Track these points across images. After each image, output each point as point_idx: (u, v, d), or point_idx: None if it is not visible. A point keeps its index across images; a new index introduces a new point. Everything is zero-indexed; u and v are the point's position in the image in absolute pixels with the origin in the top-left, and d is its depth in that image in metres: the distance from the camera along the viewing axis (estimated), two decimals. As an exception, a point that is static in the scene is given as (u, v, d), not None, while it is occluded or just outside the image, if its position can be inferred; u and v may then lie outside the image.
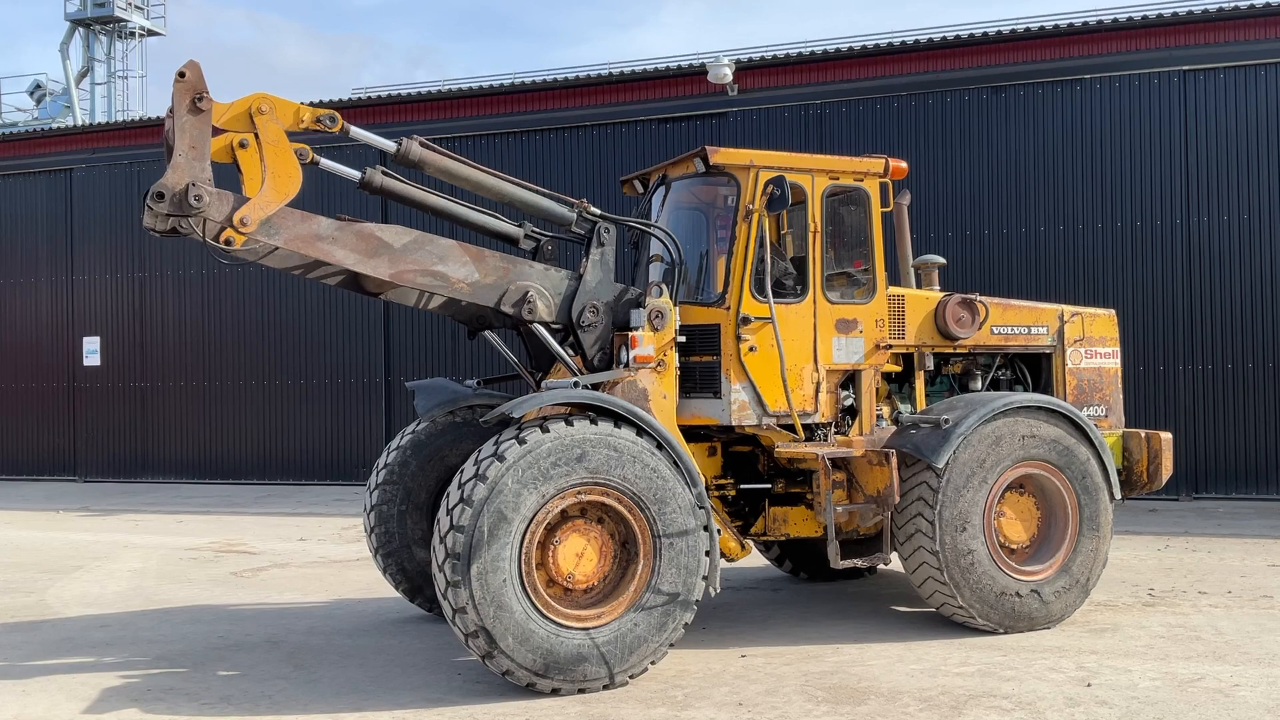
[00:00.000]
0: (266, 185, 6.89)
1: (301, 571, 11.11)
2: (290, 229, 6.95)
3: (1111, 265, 15.57)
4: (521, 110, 18.43)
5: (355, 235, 7.10)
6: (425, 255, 7.25)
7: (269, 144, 6.92)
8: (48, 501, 18.13)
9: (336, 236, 7.06)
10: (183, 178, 6.69)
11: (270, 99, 6.98)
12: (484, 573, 6.39)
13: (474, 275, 7.35)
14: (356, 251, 7.09)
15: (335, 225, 7.08)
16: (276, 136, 6.95)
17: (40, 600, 9.82)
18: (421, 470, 8.60)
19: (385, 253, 7.15)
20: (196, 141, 6.75)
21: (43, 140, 22.53)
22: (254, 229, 6.82)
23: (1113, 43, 15.49)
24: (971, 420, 7.71)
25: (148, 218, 6.76)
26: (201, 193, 6.68)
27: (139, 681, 7.04)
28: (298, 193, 6.99)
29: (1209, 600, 8.88)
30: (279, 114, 6.98)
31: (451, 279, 7.30)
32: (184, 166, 6.71)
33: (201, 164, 6.75)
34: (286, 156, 6.96)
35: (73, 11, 34.99)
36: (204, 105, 6.74)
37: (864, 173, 8.30)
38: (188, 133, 6.74)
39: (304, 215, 6.99)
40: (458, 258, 7.32)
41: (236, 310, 20.40)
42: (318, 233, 7.02)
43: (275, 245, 6.94)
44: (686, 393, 7.79)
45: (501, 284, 7.42)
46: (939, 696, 6.43)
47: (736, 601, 9.28)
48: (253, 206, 6.82)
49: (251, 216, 6.81)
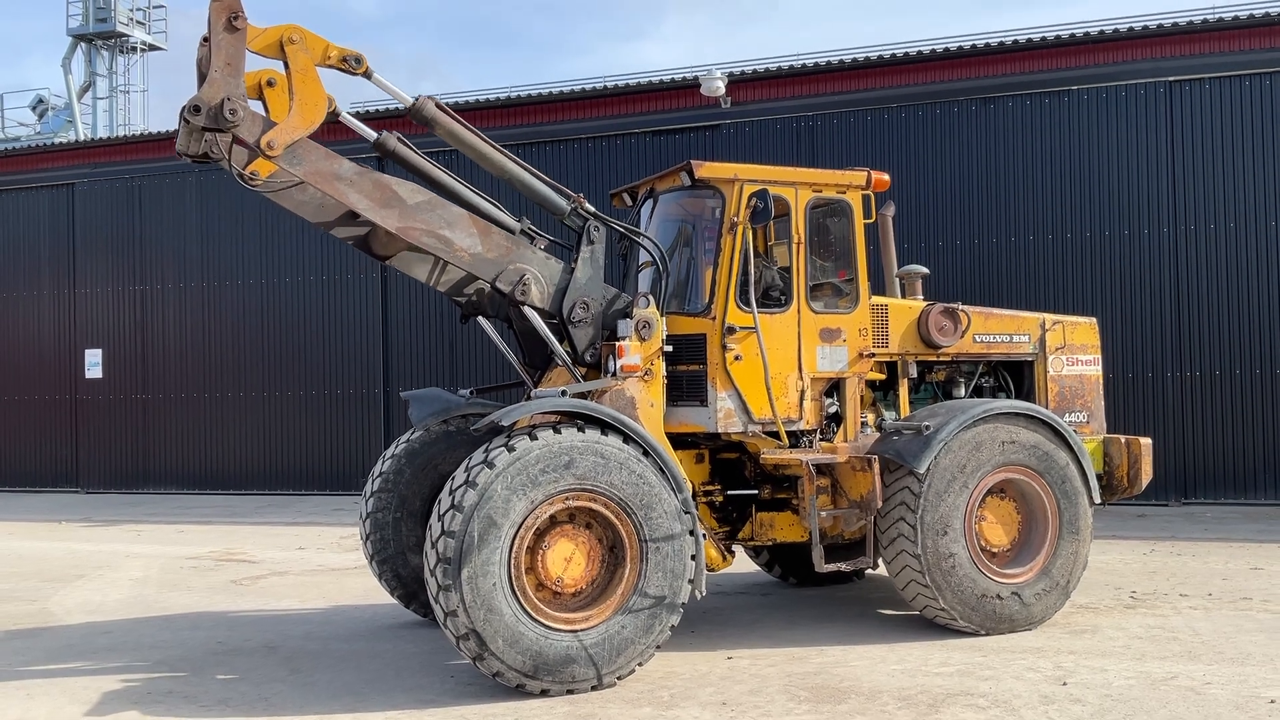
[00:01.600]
0: (294, 111, 7.07)
1: (300, 579, 11.28)
2: (313, 162, 7.13)
3: (1100, 273, 15.78)
4: (518, 123, 18.66)
5: (373, 183, 7.27)
6: (434, 217, 7.41)
7: (297, 73, 7.11)
8: (50, 512, 18.32)
9: (354, 180, 7.22)
10: (218, 92, 6.90)
11: (301, 30, 7.17)
12: (474, 577, 6.56)
13: (477, 247, 7.50)
14: (370, 199, 7.24)
15: (355, 169, 7.25)
16: (305, 66, 7.13)
17: (43, 608, 10.00)
18: (415, 478, 8.77)
19: (397, 205, 7.30)
20: (232, 59, 6.95)
21: (45, 155, 22.82)
22: (280, 154, 6.99)
23: (1100, 54, 15.74)
24: (952, 426, 7.89)
25: (182, 136, 6.98)
26: (236, 107, 6.89)
27: (139, 685, 7.22)
28: (322, 120, 7.14)
29: (1189, 602, 9.04)
30: (308, 45, 7.16)
31: (455, 245, 7.45)
32: (219, 82, 6.92)
33: (236, 80, 6.96)
34: (314, 86, 7.15)
35: (75, 27, 35.25)
36: (239, 24, 6.96)
37: (846, 185, 8.49)
38: (223, 50, 6.94)
39: (328, 153, 7.20)
40: (465, 227, 7.48)
41: (236, 322, 20.63)
42: (337, 172, 7.19)
43: (297, 178, 7.12)
44: (674, 401, 7.97)
45: (501, 262, 7.58)
46: (918, 695, 6.60)
47: (726, 605, 9.45)
48: (280, 131, 7.00)
49: (278, 140, 6.98)
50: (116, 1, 34.97)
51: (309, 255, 20.12)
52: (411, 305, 19.45)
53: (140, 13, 36.11)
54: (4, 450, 22.16)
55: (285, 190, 7.32)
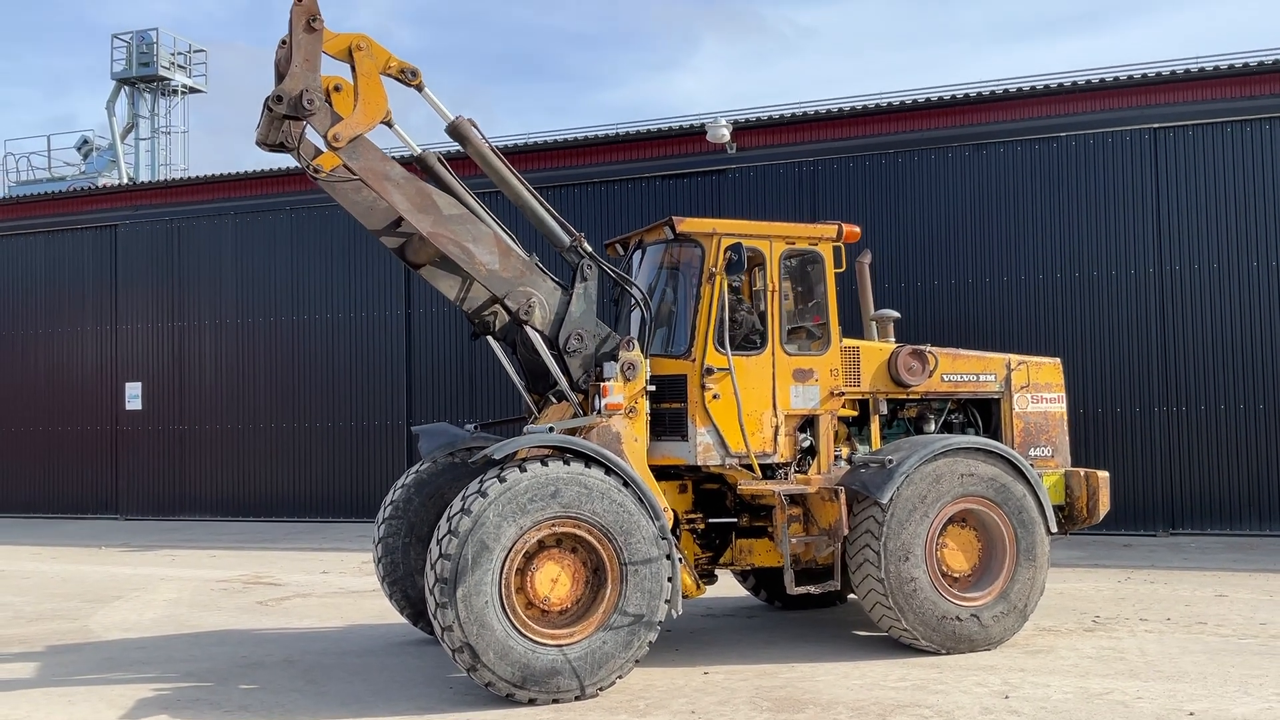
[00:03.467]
0: (358, 109, 8.03)
1: (321, 601, 12.05)
2: (368, 160, 8.03)
3: (1089, 313, 16.38)
4: (536, 168, 19.51)
5: (416, 189, 8.14)
6: (463, 230, 8.23)
7: (363, 76, 8.08)
8: (91, 538, 19.23)
9: (401, 183, 8.10)
10: (298, 84, 7.85)
11: (368, 39, 8.13)
12: (468, 595, 7.29)
13: (495, 264, 8.30)
14: (410, 201, 8.10)
15: (404, 174, 8.13)
16: (370, 71, 8.10)
17: (84, 625, 10.82)
18: (424, 506, 9.51)
19: (433, 213, 8.15)
20: (310, 56, 7.92)
21: (90, 198, 24.02)
22: (343, 146, 7.92)
23: (1086, 102, 16.43)
24: (913, 460, 8.55)
25: (262, 125, 7.98)
26: (314, 97, 7.85)
27: (170, 693, 7.99)
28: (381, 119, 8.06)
29: (1146, 626, 9.61)
30: (374, 53, 8.12)
31: (476, 258, 8.25)
32: (299, 75, 7.87)
33: (314, 75, 7.93)
34: (377, 89, 8.12)
35: (119, 71, 36.71)
36: (316, 25, 7.92)
37: (818, 237, 9.20)
38: (303, 48, 7.89)
39: (383, 155, 8.11)
40: (488, 245, 8.29)
41: (268, 358, 21.60)
42: (387, 173, 8.08)
43: (353, 172, 8.01)
44: (658, 435, 8.68)
45: (513, 282, 8.36)
46: (870, 706, 7.24)
47: (712, 626, 10.11)
48: (345, 125, 7.95)
49: (343, 134, 7.93)
50: (159, 47, 36.39)
51: (337, 294, 21.08)
52: (433, 342, 20.32)
53: (181, 56, 37.53)
54: (49, 478, 23.18)
55: (343, 187, 8.21)
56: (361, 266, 20.82)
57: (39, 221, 23.50)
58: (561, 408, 8.69)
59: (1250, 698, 7.22)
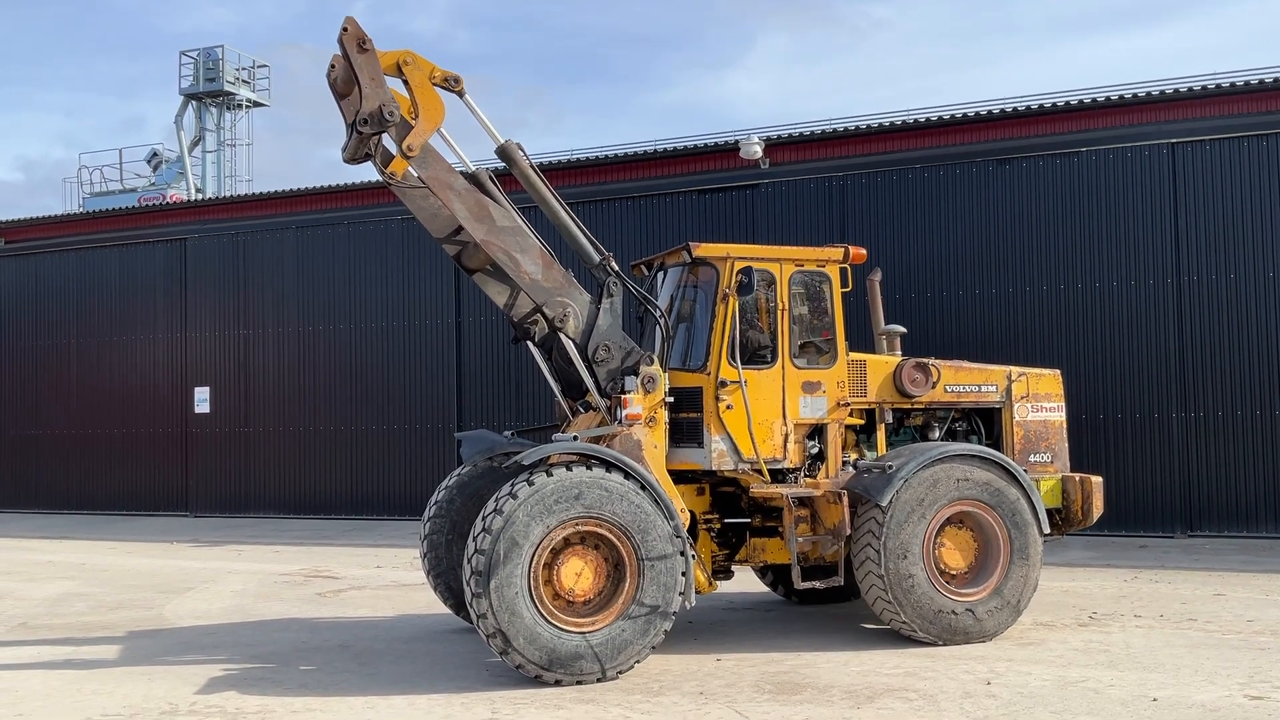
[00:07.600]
0: (421, 118, 8.91)
1: (375, 593, 13.00)
2: (435, 168, 8.93)
3: (1109, 322, 16.88)
4: (578, 183, 20.37)
5: (475, 201, 9.03)
6: (513, 240, 9.10)
7: (417, 86, 8.95)
8: (163, 534, 20.42)
9: (462, 194, 9.00)
10: (375, 101, 8.71)
11: (412, 54, 9.02)
12: (500, 586, 8.15)
13: (538, 274, 9.16)
14: (469, 210, 8.99)
15: (466, 186, 9.03)
16: (421, 81, 8.98)
17: (159, 614, 11.85)
18: (465, 506, 10.37)
19: (488, 222, 9.03)
20: (374, 74, 8.78)
21: (160, 214, 25.38)
22: (416, 154, 8.82)
23: (1107, 118, 16.94)
24: (911, 466, 9.27)
25: (350, 145, 8.90)
26: (392, 109, 8.73)
27: (237, 673, 8.94)
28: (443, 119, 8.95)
29: (1138, 622, 10.21)
30: (419, 65, 8.99)
31: (522, 267, 9.11)
32: (372, 94, 8.72)
33: (384, 89, 8.79)
34: (431, 94, 9.00)
35: (186, 87, 38.30)
36: (368, 46, 8.77)
37: (826, 260, 9.95)
38: (365, 69, 8.75)
39: (449, 166, 9.02)
40: (535, 256, 9.15)
41: (328, 363, 22.73)
42: (451, 183, 8.98)
43: (421, 180, 8.89)
44: (676, 443, 9.49)
45: (554, 291, 9.20)
46: (862, 689, 7.98)
47: (730, 619, 10.89)
48: (415, 134, 8.84)
49: (415, 143, 8.83)
50: (224, 63, 37.91)
51: (393, 304, 22.13)
52: (482, 350, 21.28)
53: (245, 72, 39.04)
54: (123, 477, 24.49)
55: (412, 193, 9.10)
56: (414, 278, 21.85)
57: (113, 235, 24.86)
58: (588, 417, 9.52)
59: (1214, 687, 7.83)
